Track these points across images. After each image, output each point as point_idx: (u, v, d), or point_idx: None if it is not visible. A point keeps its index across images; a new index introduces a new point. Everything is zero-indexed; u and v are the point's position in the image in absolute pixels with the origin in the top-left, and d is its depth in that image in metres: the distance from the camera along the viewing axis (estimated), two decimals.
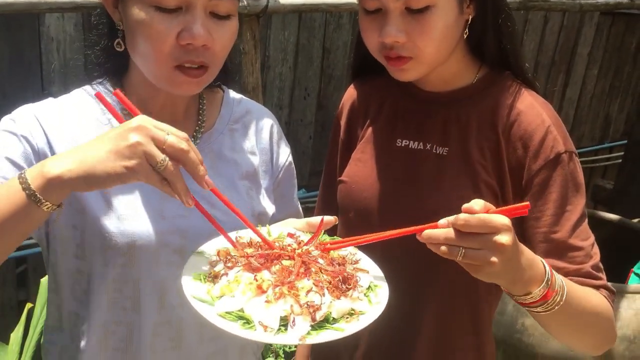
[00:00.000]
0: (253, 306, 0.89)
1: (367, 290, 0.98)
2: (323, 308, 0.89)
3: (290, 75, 4.02)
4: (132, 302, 1.12)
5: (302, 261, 0.97)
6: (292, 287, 0.91)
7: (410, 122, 1.31)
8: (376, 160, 1.32)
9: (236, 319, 0.89)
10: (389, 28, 1.12)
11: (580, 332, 1.16)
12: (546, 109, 1.23)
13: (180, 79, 1.06)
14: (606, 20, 5.58)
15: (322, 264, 0.98)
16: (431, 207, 1.22)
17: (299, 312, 0.88)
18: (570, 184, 1.18)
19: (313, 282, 0.93)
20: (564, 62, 5.50)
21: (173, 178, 0.87)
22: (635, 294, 2.59)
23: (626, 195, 4.31)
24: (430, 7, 1.11)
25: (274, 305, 0.89)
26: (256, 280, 0.92)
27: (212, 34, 1.03)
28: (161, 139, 0.85)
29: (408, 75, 1.20)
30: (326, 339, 0.87)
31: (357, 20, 1.20)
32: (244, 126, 1.29)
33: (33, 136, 1.07)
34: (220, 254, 1.00)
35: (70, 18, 3.08)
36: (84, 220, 1.09)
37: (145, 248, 1.09)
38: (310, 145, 4.27)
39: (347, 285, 0.95)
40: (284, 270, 0.94)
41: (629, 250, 3.17)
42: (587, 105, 5.89)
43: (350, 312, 0.92)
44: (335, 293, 0.92)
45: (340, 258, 1.03)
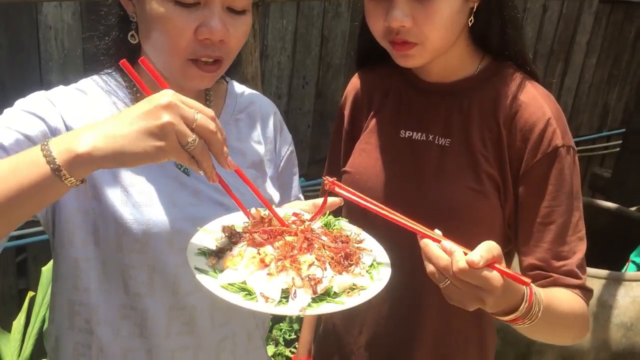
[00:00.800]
0: (255, 279, 0.91)
1: (369, 267, 1.00)
2: (324, 281, 0.90)
3: (289, 64, 4.01)
4: (147, 287, 1.13)
5: (305, 237, 0.98)
6: (295, 261, 0.92)
7: (413, 113, 1.31)
8: (380, 151, 1.33)
9: (238, 290, 0.90)
10: (396, 12, 1.12)
11: (557, 334, 1.19)
12: (548, 100, 1.23)
13: (194, 72, 1.06)
14: (605, 9, 5.57)
15: (325, 241, 0.99)
16: (434, 197, 1.23)
17: (300, 285, 0.89)
18: (566, 178, 1.19)
19: (315, 257, 0.94)
20: (563, 51, 5.50)
21: (201, 157, 0.86)
22: (632, 282, 2.61)
23: (624, 183, 4.32)
24: None
25: (275, 277, 0.90)
26: (259, 254, 0.94)
27: (229, 29, 1.04)
28: (191, 117, 0.84)
29: (412, 61, 1.19)
30: (327, 310, 0.88)
31: (355, 8, 1.20)
32: (249, 116, 1.31)
33: (50, 117, 1.07)
34: (225, 229, 1.01)
35: (69, 7, 3.07)
36: (99, 207, 1.09)
37: (159, 235, 1.10)
38: (308, 134, 4.27)
39: (349, 261, 0.96)
40: (287, 245, 0.96)
41: (626, 238, 3.19)
42: (585, 94, 5.89)
43: (351, 287, 0.93)
44: (337, 268, 0.94)
45: (344, 236, 1.04)
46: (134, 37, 1.11)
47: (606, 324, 2.52)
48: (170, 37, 1.03)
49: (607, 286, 2.59)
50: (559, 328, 1.16)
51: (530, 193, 1.20)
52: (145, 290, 1.13)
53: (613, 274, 2.63)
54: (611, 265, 2.78)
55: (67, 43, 3.13)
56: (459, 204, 1.21)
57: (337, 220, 1.11)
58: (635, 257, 3.17)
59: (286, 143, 1.38)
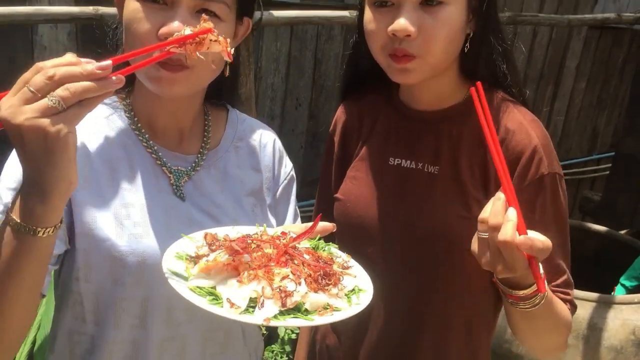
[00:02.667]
0: (225, 285, 0.89)
1: (349, 292, 0.97)
2: (295, 296, 0.88)
3: (282, 85, 4.04)
4: (139, 319, 1.13)
5: (285, 251, 0.96)
6: (268, 272, 0.90)
7: (402, 141, 1.32)
8: (370, 179, 1.34)
9: (206, 294, 0.88)
10: (402, 20, 1.11)
11: (544, 334, 1.21)
12: (535, 127, 1.24)
13: (159, 73, 1.03)
14: (594, 34, 5.66)
15: (307, 259, 0.97)
16: (423, 225, 1.23)
17: (269, 295, 0.87)
18: (553, 204, 1.21)
19: (291, 270, 0.92)
20: (553, 75, 5.57)
21: (75, 97, 0.79)
22: (622, 305, 2.63)
23: (613, 207, 4.35)
24: (444, 4, 1.12)
25: (246, 285, 0.89)
26: (234, 261, 0.92)
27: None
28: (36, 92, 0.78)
29: (410, 76, 1.19)
30: (292, 324, 0.87)
31: (348, 31, 1.22)
32: (248, 144, 1.31)
33: None
34: (207, 237, 1.01)
35: (64, 27, 3.09)
36: (91, 242, 1.08)
37: (154, 266, 1.08)
38: (301, 155, 4.29)
39: (327, 280, 0.94)
40: (264, 256, 0.94)
41: (616, 261, 3.21)
42: (575, 117, 5.95)
43: (325, 307, 0.90)
44: (313, 285, 0.91)
45: (328, 258, 1.02)
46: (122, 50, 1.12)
47: (596, 346, 2.53)
48: (135, 36, 1.03)
49: (597, 309, 2.60)
50: (549, 325, 1.19)
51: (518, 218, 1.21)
52: (137, 322, 1.13)
53: (603, 296, 2.64)
54: (601, 288, 2.79)
55: None
56: (448, 231, 1.22)
57: (326, 245, 1.10)
58: (624, 280, 3.19)
59: (285, 172, 1.37)
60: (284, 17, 2.64)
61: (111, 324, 1.12)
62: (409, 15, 1.11)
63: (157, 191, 1.14)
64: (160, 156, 1.16)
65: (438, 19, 1.12)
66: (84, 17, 2.07)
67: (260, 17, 2.45)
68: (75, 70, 0.78)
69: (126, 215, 1.10)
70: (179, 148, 1.20)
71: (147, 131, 1.17)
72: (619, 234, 3.56)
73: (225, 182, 1.23)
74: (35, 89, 0.77)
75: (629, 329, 2.62)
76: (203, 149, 1.22)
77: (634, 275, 3.22)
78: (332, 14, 2.83)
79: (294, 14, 2.70)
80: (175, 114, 1.18)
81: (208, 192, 1.19)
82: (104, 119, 1.16)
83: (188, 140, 1.22)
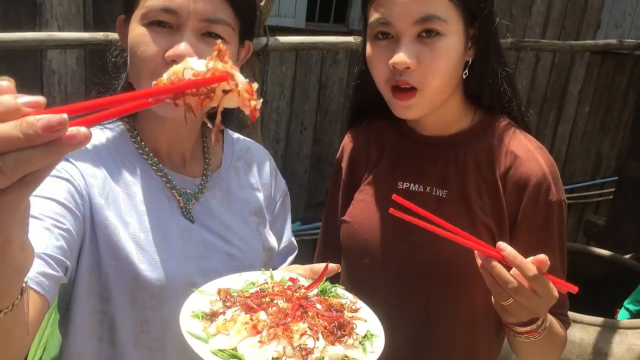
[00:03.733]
0: (246, 345, 0.89)
1: (363, 338, 0.98)
2: (315, 352, 0.89)
3: (287, 109, 4.09)
4: (158, 342, 1.13)
5: (299, 304, 0.97)
6: (287, 329, 0.91)
7: (410, 165, 1.34)
8: (378, 202, 1.35)
9: (228, 357, 0.89)
10: (402, 52, 1.14)
11: (545, 355, 1.26)
12: (542, 154, 1.26)
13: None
14: (597, 59, 5.70)
15: (320, 309, 0.98)
16: (430, 248, 1.24)
17: (291, 355, 0.88)
18: (560, 229, 1.25)
19: (308, 325, 0.93)
20: (556, 100, 5.60)
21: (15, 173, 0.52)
22: (628, 330, 2.61)
23: (618, 231, 4.34)
24: (441, 36, 1.15)
25: (267, 345, 0.89)
26: (252, 320, 0.93)
27: (200, 54, 1.01)
28: None
29: (412, 112, 1.21)
30: None
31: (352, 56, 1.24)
32: (246, 164, 1.33)
33: (74, 176, 1.06)
34: (220, 293, 1.01)
35: (73, 52, 3.15)
36: (114, 263, 1.07)
37: (174, 290, 1.09)
38: (306, 179, 4.31)
39: (342, 331, 0.95)
40: (280, 312, 0.95)
41: (620, 285, 3.20)
42: (578, 141, 5.97)
43: (343, 359, 0.92)
44: (329, 338, 0.93)
45: (339, 305, 1.03)
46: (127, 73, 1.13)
47: None
48: (142, 59, 1.04)
49: (602, 334, 2.59)
50: (550, 347, 1.24)
51: (524, 241, 1.23)
52: (156, 345, 1.13)
53: (608, 321, 2.63)
54: (605, 313, 2.78)
55: (70, 87, 3.20)
56: (455, 253, 1.22)
57: (333, 287, 1.11)
58: (628, 304, 3.17)
59: (280, 189, 1.39)
60: (290, 42, 2.68)
61: (130, 345, 1.12)
62: (408, 48, 1.15)
63: (171, 214, 1.15)
64: (170, 179, 1.17)
65: (436, 50, 1.15)
66: (94, 42, 2.12)
67: (267, 42, 2.49)
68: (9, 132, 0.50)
69: (146, 239, 1.10)
70: (183, 170, 1.21)
71: (155, 155, 1.18)
72: (623, 258, 3.55)
73: (230, 203, 1.24)
74: None
75: (634, 354, 2.60)
76: (206, 171, 1.24)
77: (638, 299, 3.21)
78: (337, 39, 2.87)
79: (299, 39, 2.74)
80: (178, 137, 1.20)
81: (216, 213, 1.21)
82: (111, 144, 1.16)
83: (191, 162, 1.23)
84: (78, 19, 3.10)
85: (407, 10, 1.13)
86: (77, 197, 1.03)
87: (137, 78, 1.07)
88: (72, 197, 1.02)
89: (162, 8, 1.02)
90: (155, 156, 1.18)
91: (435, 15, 1.13)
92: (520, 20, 5.08)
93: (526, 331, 1.14)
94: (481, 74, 1.25)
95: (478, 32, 1.21)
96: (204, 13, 1.04)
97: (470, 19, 1.19)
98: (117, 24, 1.13)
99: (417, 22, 1.13)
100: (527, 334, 1.14)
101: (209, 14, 1.04)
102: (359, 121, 1.45)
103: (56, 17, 3.04)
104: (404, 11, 1.13)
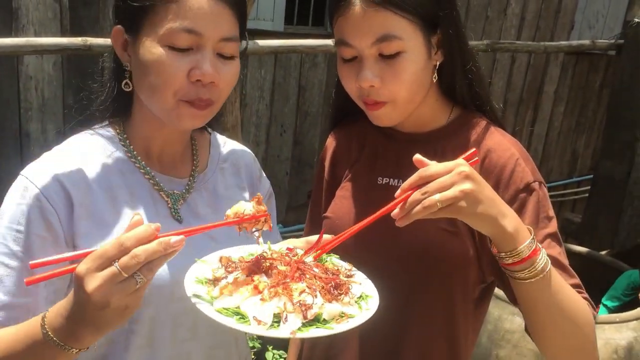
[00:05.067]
0: (249, 304, 0.95)
1: (358, 298, 1.04)
2: (314, 308, 0.95)
3: (267, 112, 4.09)
4: (146, 339, 1.14)
5: (297, 267, 1.03)
6: (287, 288, 0.97)
7: (389, 160, 1.38)
8: (358, 197, 1.39)
9: (232, 314, 0.94)
10: (365, 73, 1.20)
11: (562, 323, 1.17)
12: (514, 144, 1.30)
13: (187, 111, 1.10)
14: (571, 60, 5.81)
15: (317, 272, 1.04)
16: (408, 238, 1.27)
17: (291, 310, 0.94)
18: (541, 208, 1.26)
19: (306, 285, 0.99)
20: (532, 100, 5.69)
21: (151, 274, 0.89)
22: (604, 324, 2.67)
23: (594, 228, 4.42)
24: (400, 52, 1.19)
25: (268, 303, 0.95)
26: (253, 281, 0.98)
27: (219, 72, 1.10)
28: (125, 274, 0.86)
29: (385, 120, 1.27)
30: (316, 334, 0.93)
31: (331, 59, 1.27)
32: (232, 165, 1.36)
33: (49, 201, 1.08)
34: (222, 259, 1.06)
35: (49, 57, 3.12)
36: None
37: (162, 286, 1.11)
38: (286, 181, 4.32)
39: (339, 290, 1.01)
40: (280, 274, 1.00)
41: (598, 282, 3.25)
42: (554, 141, 6.07)
43: (340, 315, 0.97)
44: (327, 297, 0.98)
45: (335, 269, 1.10)
46: (128, 85, 1.15)
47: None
48: (164, 78, 1.08)
49: None
50: (559, 309, 1.15)
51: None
52: (145, 342, 1.15)
53: None
54: None
55: (47, 92, 3.17)
56: (433, 244, 1.26)
57: (328, 257, 1.16)
58: (606, 300, 3.23)
59: (265, 188, 1.43)
60: (269, 45, 2.69)
61: (121, 345, 1.14)
62: (370, 68, 1.19)
63: (156, 215, 1.17)
64: (158, 181, 1.20)
65: (397, 67, 1.19)
66: (72, 48, 2.11)
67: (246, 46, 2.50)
68: (156, 250, 0.87)
69: None
70: (172, 172, 1.24)
71: (143, 158, 1.20)
72: (600, 255, 3.62)
73: (216, 204, 1.27)
74: (126, 272, 0.85)
75: (611, 348, 2.66)
76: (194, 172, 1.27)
77: (616, 295, 3.27)
78: (316, 42, 2.89)
79: (278, 42, 2.75)
80: (173, 140, 1.23)
81: (202, 214, 1.23)
82: (100, 148, 1.18)
83: (180, 164, 1.26)
84: (55, 24, 3.08)
85: (364, 32, 1.17)
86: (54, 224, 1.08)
87: (155, 94, 1.10)
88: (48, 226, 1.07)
89: (186, 29, 1.06)
90: (143, 159, 1.20)
91: (391, 35, 1.16)
92: (496, 22, 5.15)
93: (514, 262, 1.07)
94: (450, 75, 1.29)
95: (441, 36, 1.24)
96: (222, 33, 1.09)
97: (430, 28, 1.22)
98: (115, 35, 1.14)
99: (375, 43, 1.17)
100: (517, 264, 1.08)
101: (225, 33, 1.09)
102: (341, 122, 1.49)
103: (32, 22, 3.01)
104: (361, 33, 1.18)
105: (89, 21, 3.17)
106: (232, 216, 1.04)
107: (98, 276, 0.85)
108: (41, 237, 1.06)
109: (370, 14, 1.16)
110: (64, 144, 1.18)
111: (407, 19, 1.17)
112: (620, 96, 4.23)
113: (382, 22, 1.16)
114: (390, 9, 1.15)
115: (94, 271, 0.85)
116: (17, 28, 2.98)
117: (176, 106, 1.10)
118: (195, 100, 1.09)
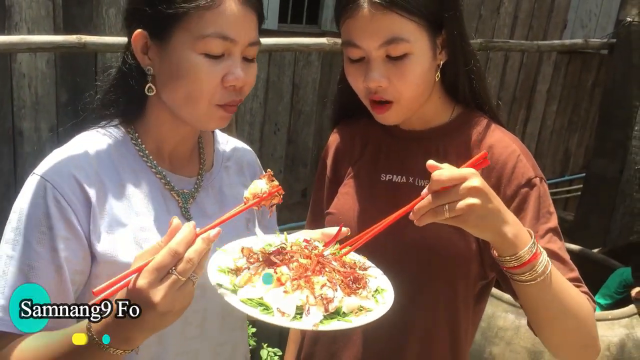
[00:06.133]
0: (272, 295, 0.98)
1: (374, 292, 1.08)
2: (335, 301, 0.98)
3: (261, 110, 4.09)
4: (157, 336, 1.13)
5: (317, 261, 1.06)
6: (309, 281, 1.00)
7: (393, 157, 1.40)
8: (362, 193, 1.40)
9: (256, 305, 0.97)
10: (372, 74, 1.22)
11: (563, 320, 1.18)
12: (515, 141, 1.33)
13: (218, 114, 1.14)
14: (564, 59, 5.83)
15: (336, 265, 1.08)
16: (412, 235, 1.28)
17: (313, 303, 0.97)
18: (542, 203, 1.28)
19: (327, 278, 1.03)
20: (525, 99, 5.72)
21: (201, 270, 0.95)
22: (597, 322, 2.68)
23: (586, 226, 4.45)
24: (407, 54, 1.21)
25: (291, 295, 0.98)
26: (276, 273, 1.01)
27: (247, 75, 1.14)
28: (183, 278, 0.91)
29: (390, 119, 1.29)
30: (337, 327, 0.96)
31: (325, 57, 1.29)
32: (235, 163, 1.38)
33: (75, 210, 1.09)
34: (244, 251, 1.09)
35: (43, 55, 3.10)
36: (113, 267, 1.09)
37: None
38: (280, 180, 4.31)
39: (357, 284, 1.05)
40: (301, 267, 1.04)
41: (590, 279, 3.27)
42: (547, 139, 6.10)
43: (359, 308, 1.01)
44: (346, 290, 1.02)
45: (352, 263, 1.13)
46: (152, 89, 1.15)
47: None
48: (200, 85, 1.10)
49: None
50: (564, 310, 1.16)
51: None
52: (155, 339, 1.14)
53: None
54: None
55: (41, 90, 3.16)
56: (436, 241, 1.27)
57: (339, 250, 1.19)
58: (599, 298, 3.26)
59: None
60: (263, 44, 2.68)
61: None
62: (378, 70, 1.22)
63: (168, 214, 1.17)
64: (169, 180, 1.21)
65: (404, 68, 1.21)
66: (67, 45, 2.10)
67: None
68: (204, 248, 0.93)
69: (144, 239, 1.13)
70: (181, 171, 1.25)
71: (154, 157, 1.21)
72: (592, 253, 3.64)
73: (223, 202, 1.29)
74: (184, 276, 0.90)
75: (604, 345, 2.68)
76: (201, 171, 1.29)
77: (608, 293, 3.30)
78: (310, 41, 2.89)
79: (272, 41, 2.75)
80: (186, 140, 1.25)
81: (210, 212, 1.25)
82: (111, 147, 1.18)
83: (188, 163, 1.27)
84: (48, 22, 3.07)
85: (372, 34, 1.19)
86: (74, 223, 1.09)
87: (190, 101, 1.12)
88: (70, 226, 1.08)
89: (221, 36, 1.08)
90: (155, 158, 1.21)
91: (399, 37, 1.18)
92: (489, 21, 5.17)
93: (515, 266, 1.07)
94: (453, 74, 1.32)
95: (446, 37, 1.26)
96: (250, 38, 1.12)
97: (436, 29, 1.24)
98: (136, 39, 1.13)
99: (382, 45, 1.19)
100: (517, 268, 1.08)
101: (252, 38, 1.13)
102: (340, 122, 1.50)
103: (25, 19, 3.00)
104: (369, 36, 1.20)
105: (82, 19, 3.16)
106: (251, 198, 1.08)
107: (161, 287, 0.89)
108: (64, 237, 1.07)
109: (378, 16, 1.18)
110: (73, 141, 1.18)
111: (413, 22, 1.19)
112: (613, 95, 4.26)
113: (390, 24, 1.18)
114: (397, 12, 1.18)
115: (156, 284, 0.89)
116: (10, 26, 2.96)
117: (211, 110, 1.13)
118: (230, 102, 1.13)
